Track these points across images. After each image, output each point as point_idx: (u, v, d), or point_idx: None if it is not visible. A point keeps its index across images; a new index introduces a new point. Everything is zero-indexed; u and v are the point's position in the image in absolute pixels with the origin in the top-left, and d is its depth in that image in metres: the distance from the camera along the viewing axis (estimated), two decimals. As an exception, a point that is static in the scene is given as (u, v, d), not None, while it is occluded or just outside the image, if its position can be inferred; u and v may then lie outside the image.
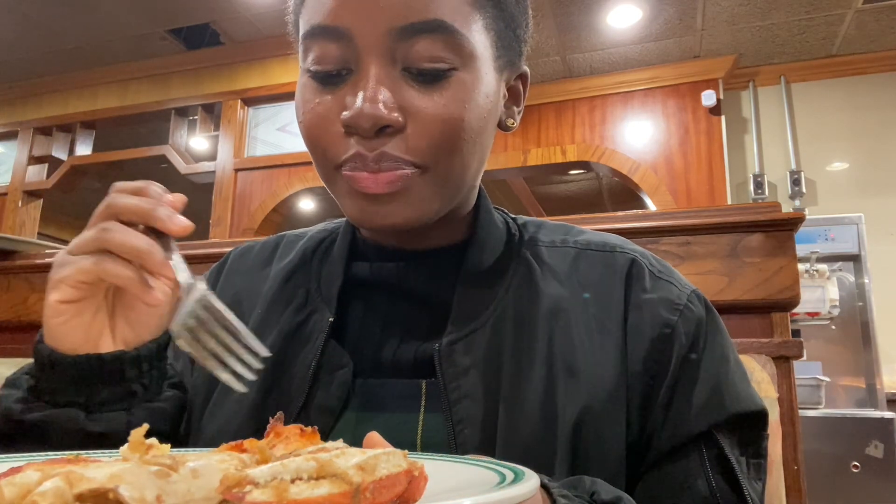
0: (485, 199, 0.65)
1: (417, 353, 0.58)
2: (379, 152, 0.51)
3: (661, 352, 0.56)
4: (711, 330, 0.58)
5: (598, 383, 0.55)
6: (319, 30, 0.52)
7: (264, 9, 4.03)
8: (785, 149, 4.18)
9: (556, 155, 4.49)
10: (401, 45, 0.50)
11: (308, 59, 0.54)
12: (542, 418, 0.53)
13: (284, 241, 0.71)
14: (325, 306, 0.61)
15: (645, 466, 0.56)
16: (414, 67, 0.51)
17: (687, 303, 0.58)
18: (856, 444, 2.69)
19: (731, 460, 0.53)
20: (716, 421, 0.54)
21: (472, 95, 0.52)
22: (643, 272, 0.60)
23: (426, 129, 0.51)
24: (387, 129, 0.51)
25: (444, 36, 0.50)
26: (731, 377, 0.57)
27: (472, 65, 0.52)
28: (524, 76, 0.63)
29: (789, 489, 0.90)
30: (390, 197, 0.52)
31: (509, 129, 0.62)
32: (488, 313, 0.58)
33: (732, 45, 4.11)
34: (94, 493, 0.24)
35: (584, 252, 0.63)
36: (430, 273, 0.61)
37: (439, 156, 0.52)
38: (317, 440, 0.34)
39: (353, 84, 0.51)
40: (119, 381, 0.53)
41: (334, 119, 0.52)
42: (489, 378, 0.55)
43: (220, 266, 0.72)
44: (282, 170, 4.29)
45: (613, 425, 0.54)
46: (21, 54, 4.57)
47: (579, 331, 0.57)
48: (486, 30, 0.54)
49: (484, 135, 0.56)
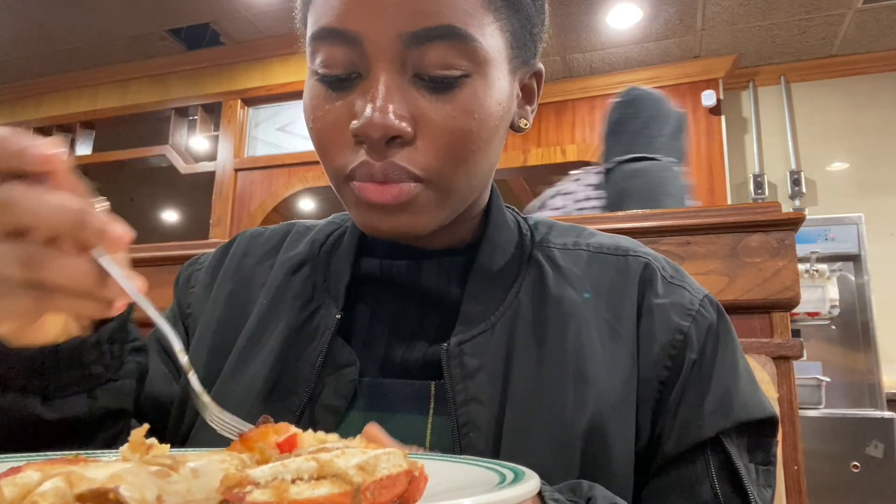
0: (497, 198, 0.64)
1: (427, 353, 0.57)
2: (386, 162, 0.50)
3: (672, 358, 0.56)
4: (723, 336, 0.58)
5: (608, 390, 0.54)
6: (328, 32, 0.50)
7: (264, 9, 4.03)
8: (785, 149, 4.18)
9: (556, 155, 4.49)
10: (412, 51, 0.49)
11: (316, 61, 0.52)
12: (550, 425, 0.52)
13: (293, 231, 0.70)
14: (332, 302, 0.60)
15: (651, 471, 0.55)
16: (425, 74, 0.50)
17: (700, 308, 0.58)
18: (856, 444, 2.69)
19: (739, 467, 0.53)
20: (724, 427, 0.54)
21: (484, 104, 0.51)
22: (656, 277, 0.59)
23: (435, 140, 0.50)
24: (396, 140, 0.50)
25: (456, 42, 0.49)
26: (740, 384, 0.56)
27: (485, 70, 0.51)
28: (539, 73, 0.61)
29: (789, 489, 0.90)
30: (395, 207, 0.51)
31: (522, 129, 0.60)
32: (498, 314, 0.57)
33: (732, 45, 4.11)
34: (94, 493, 0.24)
35: (596, 256, 0.62)
36: (440, 272, 0.60)
37: (446, 169, 0.51)
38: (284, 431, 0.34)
39: (363, 91, 0.50)
40: (78, 366, 0.48)
41: (343, 128, 0.51)
42: (498, 381, 0.54)
43: (226, 248, 0.70)
44: (282, 170, 4.30)
45: (623, 432, 0.53)
46: (21, 54, 4.57)
47: (590, 336, 0.56)
48: (501, 32, 0.52)
49: (494, 142, 0.55)
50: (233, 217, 4.32)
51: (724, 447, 0.53)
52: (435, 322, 0.59)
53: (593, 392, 0.53)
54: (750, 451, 0.55)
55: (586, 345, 0.55)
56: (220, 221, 4.32)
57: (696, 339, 0.56)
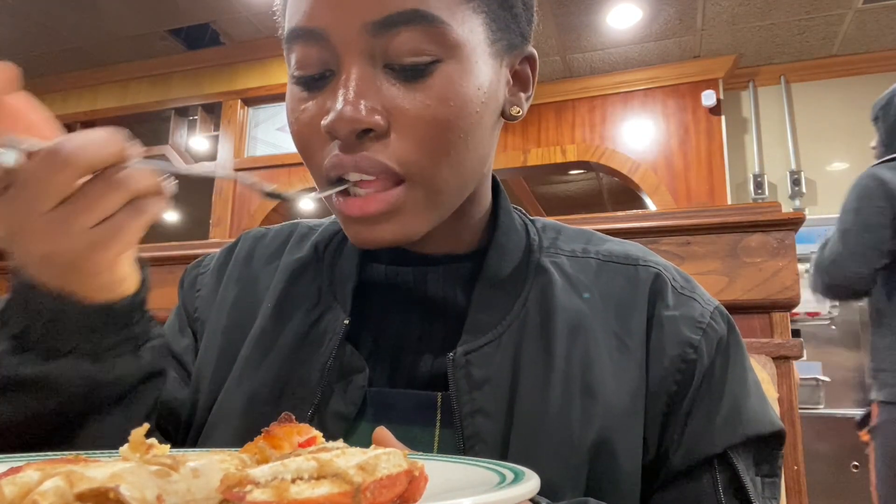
0: (504, 200, 0.62)
1: (433, 364, 0.56)
2: (359, 156, 0.48)
3: (682, 372, 0.54)
4: (733, 349, 0.57)
5: (616, 404, 0.53)
6: (298, 32, 0.50)
7: (264, 9, 4.03)
8: (785, 149, 4.18)
9: (555, 155, 4.49)
10: (379, 40, 0.47)
11: (292, 63, 0.51)
12: (557, 439, 0.51)
13: (297, 233, 0.68)
14: (338, 306, 0.58)
15: (657, 485, 0.55)
16: (395, 63, 0.48)
17: (710, 321, 0.56)
18: (856, 444, 2.69)
19: (746, 483, 0.52)
20: (732, 443, 0.53)
21: (461, 90, 0.49)
22: (666, 287, 0.58)
23: (410, 131, 0.48)
24: (369, 133, 0.48)
25: (424, 26, 0.47)
26: (750, 398, 0.55)
27: (459, 54, 0.49)
28: (531, 58, 0.58)
29: (789, 489, 0.90)
30: (381, 217, 0.50)
31: (515, 118, 0.57)
32: (505, 324, 0.56)
33: (732, 45, 4.11)
34: (94, 492, 0.24)
35: (606, 265, 0.60)
36: (446, 280, 0.58)
37: (426, 162, 0.49)
38: (305, 433, 0.34)
39: (334, 87, 0.49)
40: (126, 325, 0.50)
41: (317, 126, 0.49)
42: (504, 393, 0.53)
43: (230, 249, 0.70)
44: (282, 170, 4.30)
45: (630, 447, 0.52)
46: (21, 54, 4.57)
47: (599, 349, 0.55)
48: (475, 13, 0.50)
49: (478, 131, 0.52)
50: (233, 217, 4.32)
51: (732, 462, 0.53)
52: (441, 331, 0.57)
53: (601, 405, 0.52)
54: (756, 463, 0.55)
55: (594, 357, 0.54)
56: (220, 221, 4.32)
57: (706, 353, 0.55)
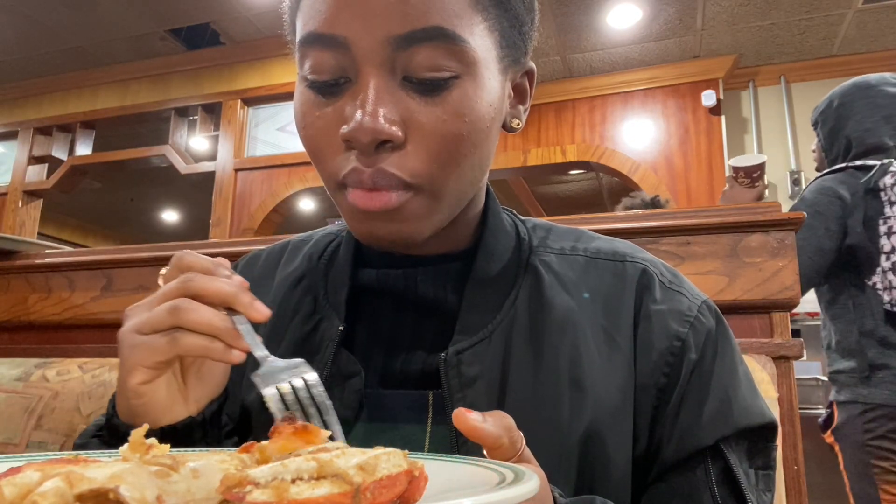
0: (494, 202, 0.63)
1: (425, 363, 0.57)
2: (376, 170, 0.49)
3: (670, 365, 0.55)
4: (722, 342, 0.57)
5: (605, 398, 0.54)
6: (315, 37, 0.50)
7: (264, 9, 4.03)
8: (785, 149, 4.18)
9: (555, 155, 4.49)
10: (400, 54, 0.48)
11: (305, 66, 0.52)
12: (548, 433, 0.52)
13: (290, 247, 0.70)
14: (333, 314, 0.60)
15: (650, 479, 0.55)
16: (414, 77, 0.49)
17: (697, 314, 0.57)
18: (856, 444, 2.69)
19: (738, 474, 0.53)
20: (723, 434, 0.53)
21: (475, 106, 0.51)
22: (653, 282, 0.59)
23: (425, 144, 0.49)
24: (387, 144, 0.49)
25: (445, 43, 0.48)
26: (740, 390, 0.56)
27: (475, 71, 0.50)
28: (530, 72, 0.60)
29: (789, 489, 0.90)
30: (386, 215, 0.51)
31: (514, 129, 0.59)
32: (495, 323, 0.57)
33: (732, 45, 4.11)
34: (94, 493, 0.24)
35: (593, 261, 0.61)
36: (436, 280, 0.59)
37: (436, 173, 0.51)
38: (314, 437, 0.34)
39: (352, 95, 0.50)
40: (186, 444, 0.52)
41: (334, 133, 0.50)
42: (495, 390, 0.54)
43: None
44: (282, 170, 4.30)
45: (620, 440, 0.53)
46: (21, 54, 4.57)
47: (587, 344, 0.56)
48: (490, 31, 0.52)
49: (486, 144, 0.54)
50: (233, 217, 4.32)
51: (724, 454, 0.53)
52: (432, 331, 0.58)
53: (590, 399, 0.53)
54: (750, 456, 0.55)
55: (583, 352, 0.55)
56: (220, 221, 4.32)
57: (694, 346, 0.56)
